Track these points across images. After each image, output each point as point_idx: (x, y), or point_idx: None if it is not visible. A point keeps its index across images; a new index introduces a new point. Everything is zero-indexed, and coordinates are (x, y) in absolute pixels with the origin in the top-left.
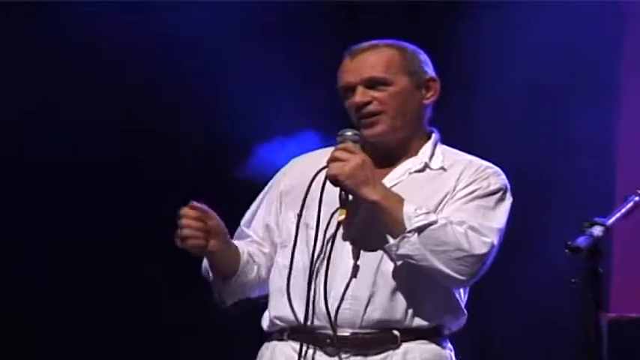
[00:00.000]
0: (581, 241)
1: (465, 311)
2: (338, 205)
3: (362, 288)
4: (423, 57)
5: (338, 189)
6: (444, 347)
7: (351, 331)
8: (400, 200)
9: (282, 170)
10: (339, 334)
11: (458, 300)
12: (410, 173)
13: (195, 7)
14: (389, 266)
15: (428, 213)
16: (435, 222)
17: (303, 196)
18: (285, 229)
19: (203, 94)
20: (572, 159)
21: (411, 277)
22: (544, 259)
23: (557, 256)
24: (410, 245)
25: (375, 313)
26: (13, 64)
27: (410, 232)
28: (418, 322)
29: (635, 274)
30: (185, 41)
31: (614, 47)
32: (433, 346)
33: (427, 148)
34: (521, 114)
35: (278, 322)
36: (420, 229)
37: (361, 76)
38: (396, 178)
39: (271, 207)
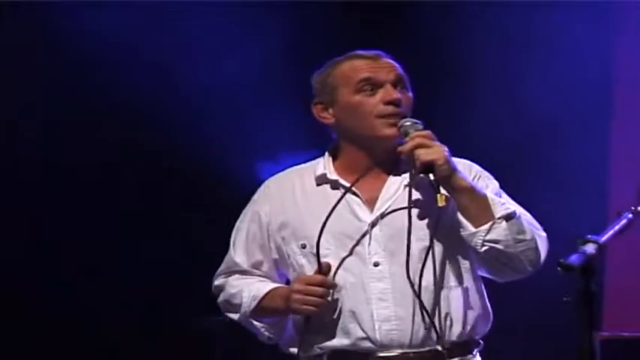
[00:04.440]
0: (574, 259)
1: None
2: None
3: (401, 307)
4: None
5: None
6: (478, 358)
7: (400, 351)
8: (480, 189)
9: (258, 198)
10: (387, 354)
11: (488, 309)
12: (412, 178)
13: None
14: (429, 284)
15: (504, 204)
16: (516, 211)
17: (320, 227)
18: (296, 262)
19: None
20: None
21: (448, 290)
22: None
23: (549, 273)
24: (500, 230)
25: (419, 331)
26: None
27: (500, 218)
28: (457, 335)
29: (628, 292)
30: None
31: (607, 64)
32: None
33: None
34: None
35: (318, 349)
36: (508, 217)
37: (394, 74)
38: (399, 183)
39: (254, 244)
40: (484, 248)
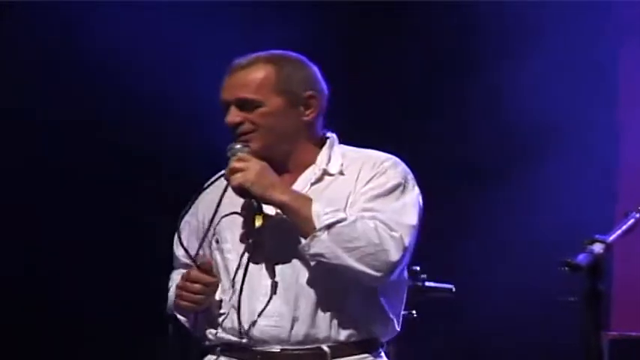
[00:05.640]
0: (582, 258)
1: (396, 320)
2: (243, 222)
3: (284, 304)
4: (305, 72)
5: (240, 208)
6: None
7: (280, 347)
8: (309, 199)
9: (202, 189)
10: (268, 350)
11: (387, 310)
12: (311, 184)
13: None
14: (308, 279)
15: (337, 210)
16: (344, 219)
17: (210, 222)
18: (213, 257)
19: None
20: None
21: (333, 290)
22: (543, 276)
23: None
24: (320, 243)
25: (300, 329)
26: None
27: (320, 230)
28: (346, 335)
29: (636, 292)
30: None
31: (614, 64)
32: (363, 358)
33: (323, 154)
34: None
35: (212, 337)
36: (329, 226)
37: (233, 96)
38: (300, 190)
39: (193, 238)
40: (313, 262)
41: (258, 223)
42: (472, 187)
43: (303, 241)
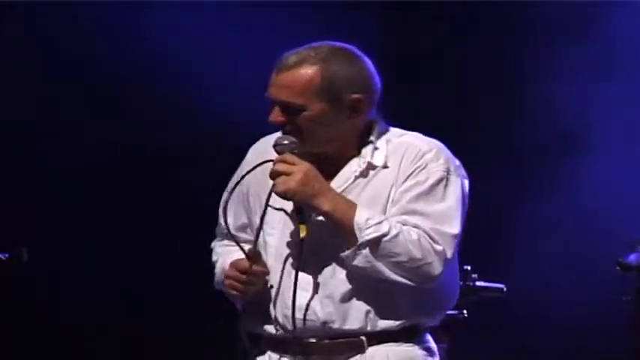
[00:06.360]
0: (633, 258)
1: (443, 304)
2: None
3: (323, 297)
4: (354, 71)
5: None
6: (416, 346)
7: (317, 338)
8: (352, 208)
9: (244, 162)
10: (306, 341)
11: (430, 297)
12: (356, 176)
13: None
14: (347, 274)
15: (380, 223)
16: (386, 233)
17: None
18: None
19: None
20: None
21: (370, 282)
22: (594, 276)
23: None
24: (362, 258)
25: (338, 320)
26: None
27: (362, 245)
28: (384, 325)
29: None
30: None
31: None
32: (403, 348)
33: (369, 147)
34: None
35: (256, 330)
36: (371, 242)
37: (277, 96)
38: (342, 183)
39: (240, 206)
40: (356, 273)
41: (302, 234)
42: (523, 187)
43: (345, 250)
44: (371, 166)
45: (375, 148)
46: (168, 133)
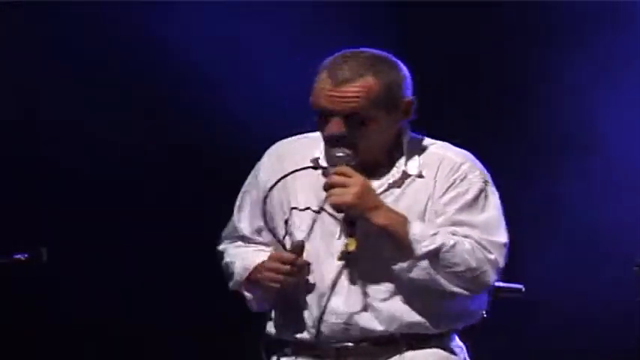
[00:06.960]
0: None
1: (477, 309)
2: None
3: (360, 301)
4: (402, 77)
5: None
6: (450, 349)
7: (352, 343)
8: (405, 222)
9: (261, 164)
10: (339, 346)
11: (467, 306)
12: (389, 184)
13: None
14: (385, 280)
15: (435, 234)
16: (444, 244)
17: (287, 200)
18: (279, 236)
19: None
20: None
21: (409, 288)
22: (611, 277)
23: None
24: (420, 270)
25: (374, 325)
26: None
27: (420, 257)
28: (422, 330)
29: None
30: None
31: None
32: (439, 351)
33: (402, 156)
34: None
35: (284, 336)
36: (430, 254)
37: (343, 109)
38: (377, 190)
39: (256, 209)
40: (411, 283)
41: (351, 247)
42: (542, 187)
43: (400, 263)
44: (405, 175)
45: (408, 157)
46: (187, 134)
